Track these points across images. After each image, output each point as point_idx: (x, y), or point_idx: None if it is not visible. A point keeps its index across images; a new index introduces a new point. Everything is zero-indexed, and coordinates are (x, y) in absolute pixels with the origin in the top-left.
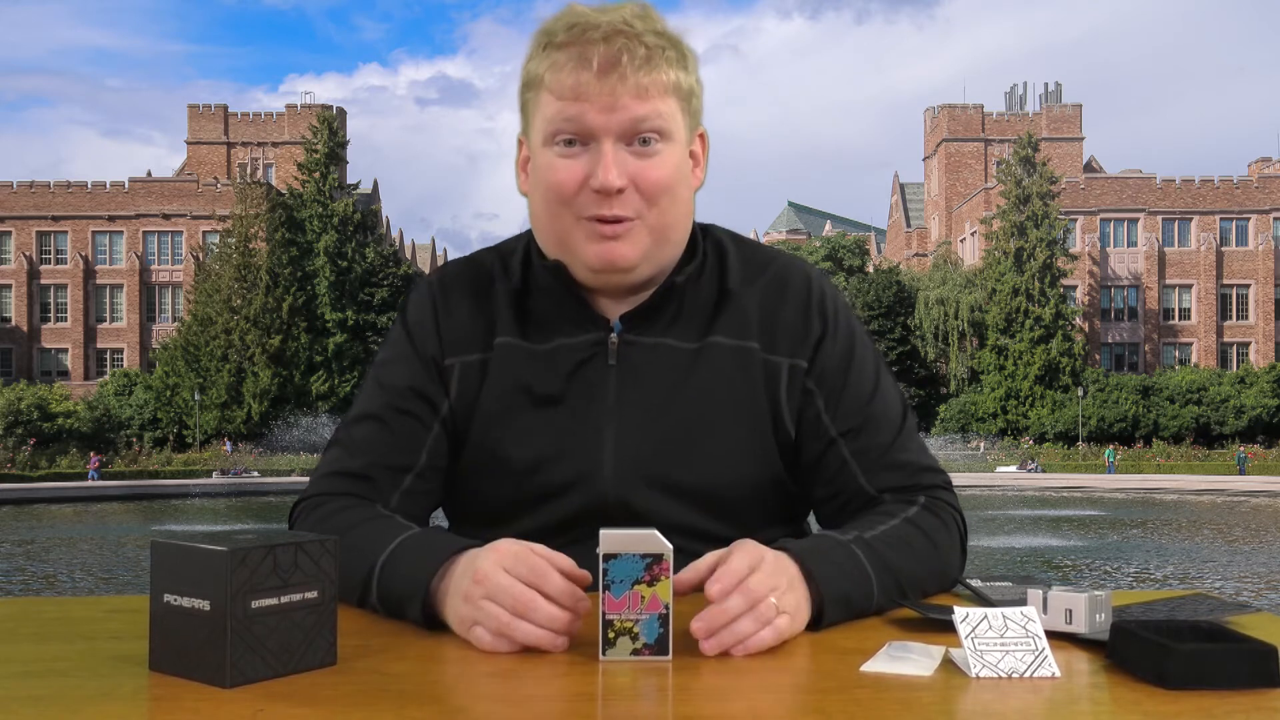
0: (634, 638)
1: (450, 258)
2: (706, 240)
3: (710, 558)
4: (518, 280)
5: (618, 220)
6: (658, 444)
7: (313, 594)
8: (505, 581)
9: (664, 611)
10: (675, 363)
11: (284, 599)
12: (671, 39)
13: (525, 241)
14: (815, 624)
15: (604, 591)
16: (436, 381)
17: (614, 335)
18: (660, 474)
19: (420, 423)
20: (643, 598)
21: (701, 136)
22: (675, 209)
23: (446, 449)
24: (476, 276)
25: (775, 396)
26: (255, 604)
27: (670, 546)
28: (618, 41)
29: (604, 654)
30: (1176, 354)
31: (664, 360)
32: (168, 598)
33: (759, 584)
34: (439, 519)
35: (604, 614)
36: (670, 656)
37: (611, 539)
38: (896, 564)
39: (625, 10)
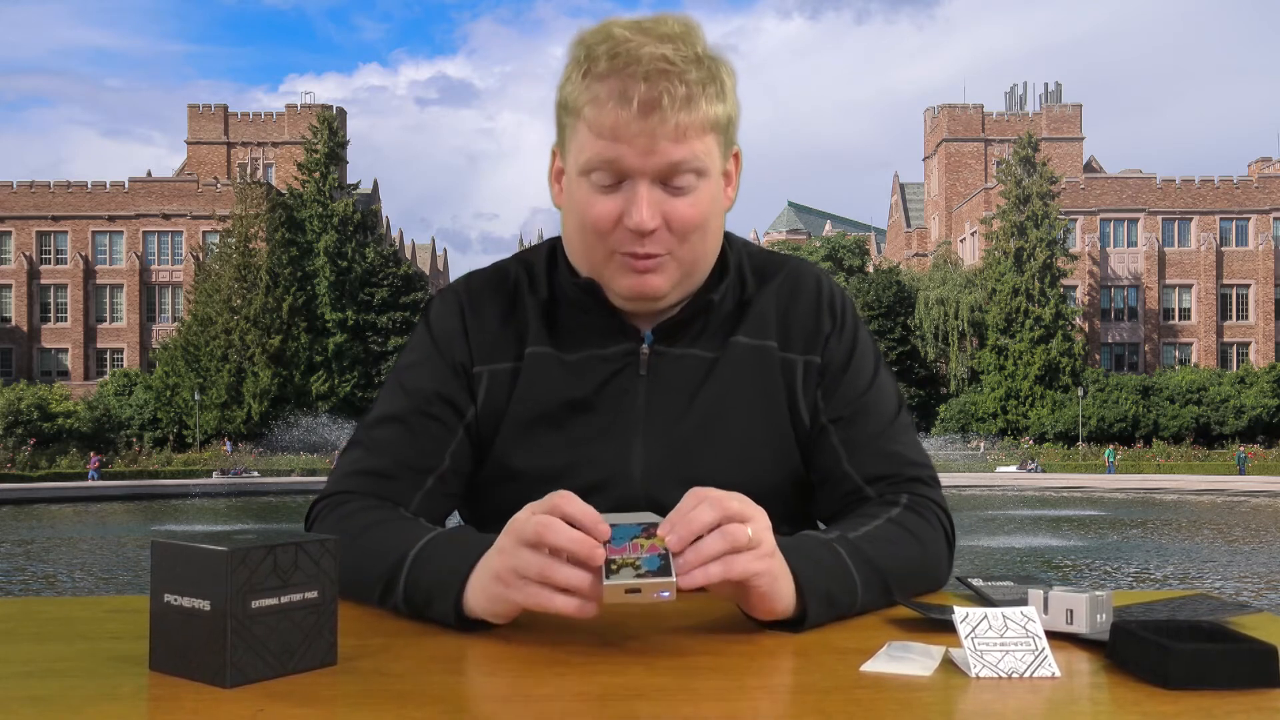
0: (635, 567)
1: (450, 258)
2: (732, 253)
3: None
4: (545, 291)
5: (650, 256)
6: (685, 443)
7: (313, 594)
8: (534, 524)
9: (664, 551)
10: (702, 370)
11: (284, 599)
12: (711, 67)
13: (547, 252)
14: (799, 623)
15: (606, 545)
16: (463, 388)
17: (645, 346)
18: (689, 472)
19: (444, 426)
20: (641, 546)
21: (735, 155)
22: (705, 242)
23: (469, 454)
24: (504, 286)
25: (793, 393)
26: (255, 604)
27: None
28: (659, 83)
29: (606, 579)
30: (1176, 354)
31: (691, 368)
32: (168, 598)
33: (736, 503)
34: (452, 523)
35: (607, 558)
36: (674, 578)
37: (609, 518)
38: (880, 562)
39: (667, 30)
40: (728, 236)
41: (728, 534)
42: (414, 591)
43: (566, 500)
